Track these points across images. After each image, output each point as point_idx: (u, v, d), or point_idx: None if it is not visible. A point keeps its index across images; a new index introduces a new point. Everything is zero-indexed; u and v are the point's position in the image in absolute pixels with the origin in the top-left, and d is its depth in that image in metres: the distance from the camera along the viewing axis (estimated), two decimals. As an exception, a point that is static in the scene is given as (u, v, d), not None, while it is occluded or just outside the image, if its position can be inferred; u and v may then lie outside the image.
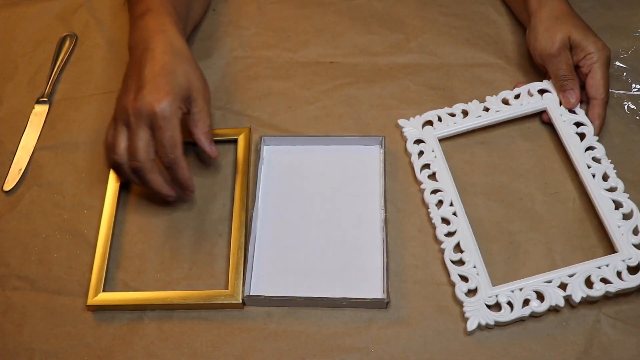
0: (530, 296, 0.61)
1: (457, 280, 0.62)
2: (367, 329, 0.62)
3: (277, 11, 0.86)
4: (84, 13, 0.88)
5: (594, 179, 0.66)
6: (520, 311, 0.60)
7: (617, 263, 0.61)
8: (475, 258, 0.63)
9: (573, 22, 0.71)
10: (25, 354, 0.62)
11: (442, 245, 0.65)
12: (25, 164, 0.75)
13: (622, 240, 0.62)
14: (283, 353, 0.61)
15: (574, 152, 0.68)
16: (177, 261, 0.67)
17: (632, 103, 0.74)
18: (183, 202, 0.71)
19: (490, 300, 0.61)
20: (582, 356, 0.60)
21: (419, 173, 0.70)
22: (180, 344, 0.62)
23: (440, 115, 0.73)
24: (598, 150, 0.68)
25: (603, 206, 0.64)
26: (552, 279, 0.61)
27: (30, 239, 0.69)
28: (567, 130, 0.69)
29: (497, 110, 0.72)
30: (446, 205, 0.67)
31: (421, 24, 0.84)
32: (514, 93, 0.73)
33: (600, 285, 0.60)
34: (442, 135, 0.72)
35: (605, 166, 0.67)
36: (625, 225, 0.63)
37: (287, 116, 0.76)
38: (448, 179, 0.68)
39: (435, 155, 0.70)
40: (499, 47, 0.81)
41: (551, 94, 0.72)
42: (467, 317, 0.60)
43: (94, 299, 0.64)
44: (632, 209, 0.63)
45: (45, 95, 0.80)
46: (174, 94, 0.62)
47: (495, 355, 0.60)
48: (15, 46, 0.86)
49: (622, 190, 0.65)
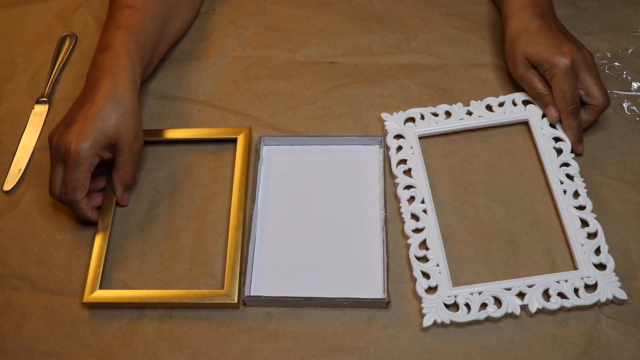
0: (488, 301, 0.61)
1: (418, 277, 0.63)
2: (367, 329, 0.62)
3: (277, 11, 0.86)
4: (84, 13, 0.88)
5: (565, 195, 0.67)
6: (477, 314, 0.61)
7: (576, 280, 0.62)
8: (440, 257, 0.64)
9: (527, 39, 0.70)
10: (25, 354, 0.62)
11: (409, 240, 0.66)
12: (25, 164, 0.75)
13: (583, 258, 0.63)
14: (283, 353, 0.61)
15: (549, 167, 0.69)
16: (176, 261, 0.67)
17: (632, 103, 0.74)
18: (181, 204, 0.71)
19: (449, 299, 0.62)
20: (582, 356, 0.60)
21: (395, 167, 0.70)
22: (179, 344, 0.62)
23: (423, 113, 0.74)
24: (572, 168, 0.68)
25: (570, 223, 0.65)
26: (512, 287, 0.62)
27: (30, 239, 0.69)
28: (545, 144, 0.70)
29: (480, 116, 0.73)
30: (417, 202, 0.68)
31: (421, 24, 0.84)
32: (498, 100, 0.74)
33: (556, 299, 0.61)
34: (422, 133, 0.73)
35: (577, 184, 0.67)
36: (589, 245, 0.63)
37: (286, 116, 0.76)
38: (423, 177, 0.69)
39: (413, 152, 0.71)
40: (499, 47, 0.81)
41: (534, 106, 0.73)
42: (424, 313, 0.61)
43: (89, 296, 0.64)
44: (597, 230, 0.64)
45: (45, 95, 0.80)
46: (95, 141, 0.64)
47: (495, 356, 0.60)
48: (15, 46, 0.86)
49: (590, 209, 0.65)
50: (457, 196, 0.69)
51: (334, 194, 0.70)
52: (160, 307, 0.64)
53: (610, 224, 0.66)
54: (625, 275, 0.63)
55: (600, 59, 0.78)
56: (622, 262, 0.64)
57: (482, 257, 0.65)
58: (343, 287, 0.64)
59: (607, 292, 0.61)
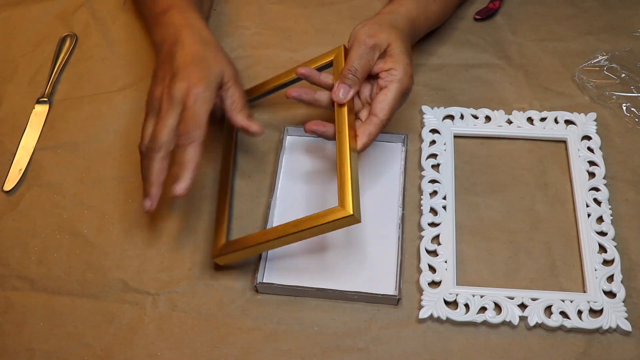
0: (488, 305, 0.61)
1: (425, 269, 0.63)
2: (367, 329, 0.62)
3: (277, 11, 0.87)
4: (84, 13, 0.88)
5: (588, 218, 0.66)
6: (475, 316, 0.61)
7: (582, 302, 0.61)
8: (450, 254, 0.64)
9: (406, 38, 0.67)
10: (25, 354, 0.62)
11: (423, 232, 0.66)
12: (25, 164, 0.75)
13: (594, 283, 0.62)
14: (283, 353, 0.61)
15: (578, 187, 0.68)
16: (177, 261, 0.67)
17: (631, 104, 0.74)
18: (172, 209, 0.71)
19: (450, 297, 0.62)
20: (582, 356, 0.60)
21: (424, 160, 0.70)
22: (180, 344, 0.62)
23: (463, 113, 0.74)
24: (602, 194, 0.67)
25: (587, 246, 0.64)
26: (515, 296, 0.61)
27: (30, 239, 0.69)
28: (578, 165, 0.69)
29: (519, 126, 0.73)
30: (439, 197, 0.68)
31: (421, 24, 0.84)
32: (541, 115, 0.73)
33: (558, 317, 0.60)
34: (459, 133, 0.73)
35: (603, 210, 0.66)
36: (602, 271, 0.63)
37: (288, 116, 0.76)
38: (450, 175, 0.69)
39: (446, 149, 0.71)
40: (499, 47, 0.81)
41: (576, 126, 0.72)
42: (422, 305, 0.61)
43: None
44: (614, 258, 0.63)
45: (45, 95, 0.80)
46: (208, 81, 0.63)
47: (496, 356, 0.60)
48: (15, 46, 0.86)
49: (611, 237, 0.65)
50: (465, 194, 0.69)
51: None
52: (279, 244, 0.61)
53: (610, 224, 0.66)
54: (626, 275, 0.63)
55: (600, 59, 0.78)
56: (622, 262, 0.64)
57: (484, 257, 0.65)
58: (355, 281, 0.64)
59: (612, 321, 0.60)
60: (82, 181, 0.73)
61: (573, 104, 0.76)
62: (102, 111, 0.79)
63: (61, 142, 0.76)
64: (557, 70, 0.79)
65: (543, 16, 0.84)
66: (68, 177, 0.74)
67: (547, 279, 0.64)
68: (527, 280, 0.64)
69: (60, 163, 0.75)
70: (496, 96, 0.77)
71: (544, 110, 0.74)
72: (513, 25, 0.83)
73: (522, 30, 0.83)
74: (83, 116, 0.78)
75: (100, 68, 0.83)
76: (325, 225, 0.58)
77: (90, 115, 0.78)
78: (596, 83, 0.76)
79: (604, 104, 0.75)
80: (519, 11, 0.85)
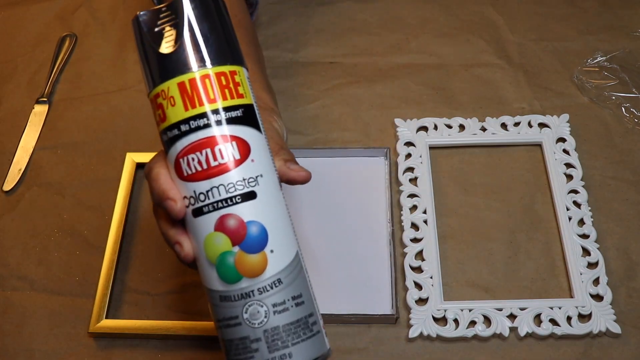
0: (478, 319, 0.61)
1: (410, 287, 0.63)
2: (368, 330, 0.62)
3: (277, 11, 0.86)
4: (84, 13, 0.88)
5: (569, 222, 0.66)
6: (464, 331, 0.60)
7: (570, 308, 0.61)
8: (434, 269, 0.63)
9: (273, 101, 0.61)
10: (25, 354, 0.62)
11: (405, 249, 0.65)
12: (25, 164, 0.74)
13: (580, 287, 0.62)
14: None
15: (556, 191, 0.68)
16: (177, 262, 0.67)
17: (631, 105, 0.74)
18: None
19: (439, 313, 0.61)
20: (582, 357, 0.60)
21: (401, 174, 0.70)
22: (181, 344, 0.62)
23: (436, 123, 0.73)
24: (581, 196, 0.67)
25: (571, 250, 0.64)
26: (504, 307, 0.61)
27: (30, 239, 0.69)
28: (555, 169, 0.69)
29: (494, 133, 0.72)
30: (419, 211, 0.67)
31: (421, 24, 0.84)
32: (514, 120, 0.73)
33: (547, 325, 0.60)
34: (433, 144, 0.72)
35: (584, 212, 0.66)
36: (588, 274, 0.62)
37: (286, 115, 0.76)
38: (428, 187, 0.68)
39: (422, 161, 0.70)
40: (499, 47, 0.81)
41: (550, 129, 0.72)
42: (411, 324, 0.61)
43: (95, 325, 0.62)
44: (598, 260, 0.63)
45: (45, 95, 0.80)
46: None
47: (495, 356, 0.60)
48: (15, 46, 0.86)
49: (594, 239, 0.64)
50: (457, 197, 0.69)
51: (338, 206, 0.69)
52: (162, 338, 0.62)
53: (610, 224, 0.66)
54: (625, 275, 0.63)
55: (600, 59, 0.78)
56: (622, 262, 0.64)
57: (483, 257, 0.65)
58: (349, 302, 0.63)
59: (601, 324, 0.59)
60: (82, 181, 0.73)
61: (572, 104, 0.76)
62: (102, 111, 0.78)
63: (61, 142, 0.76)
64: (556, 70, 0.79)
65: (543, 16, 0.84)
66: (68, 177, 0.74)
67: (534, 287, 0.63)
68: (519, 289, 0.63)
69: (60, 163, 0.75)
70: (496, 96, 0.77)
71: (544, 110, 0.75)
72: (513, 25, 0.83)
73: (522, 30, 0.83)
74: (83, 116, 0.78)
75: (100, 68, 0.83)
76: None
77: (90, 115, 0.78)
78: (595, 83, 0.76)
79: (604, 104, 0.75)
80: (519, 11, 0.85)
